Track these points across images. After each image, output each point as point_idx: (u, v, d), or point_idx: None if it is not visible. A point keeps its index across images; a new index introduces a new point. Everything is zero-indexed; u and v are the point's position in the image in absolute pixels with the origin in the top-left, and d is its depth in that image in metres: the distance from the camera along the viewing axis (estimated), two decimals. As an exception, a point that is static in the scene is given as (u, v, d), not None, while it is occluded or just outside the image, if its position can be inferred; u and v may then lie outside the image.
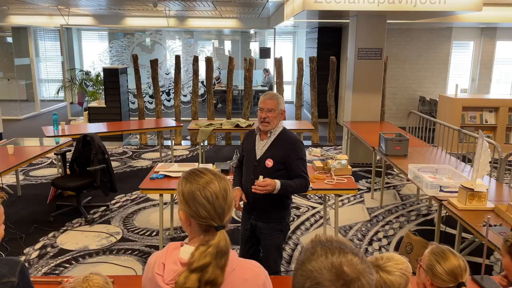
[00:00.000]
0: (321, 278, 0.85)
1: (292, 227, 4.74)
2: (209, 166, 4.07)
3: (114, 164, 6.96)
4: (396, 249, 4.25)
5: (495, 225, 2.89)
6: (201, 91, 10.78)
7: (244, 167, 2.88)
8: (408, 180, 6.12)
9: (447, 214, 4.78)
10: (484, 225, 2.88)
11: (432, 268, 1.70)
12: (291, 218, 4.99)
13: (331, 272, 0.85)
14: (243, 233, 2.96)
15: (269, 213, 2.80)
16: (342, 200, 5.57)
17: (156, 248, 4.24)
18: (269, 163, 2.72)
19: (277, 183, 2.64)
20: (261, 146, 2.78)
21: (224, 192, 1.33)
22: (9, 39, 12.92)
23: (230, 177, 3.63)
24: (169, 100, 11.39)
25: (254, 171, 2.76)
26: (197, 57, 8.67)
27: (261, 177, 2.66)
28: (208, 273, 1.23)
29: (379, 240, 4.47)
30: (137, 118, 8.82)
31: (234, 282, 1.31)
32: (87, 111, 8.46)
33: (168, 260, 1.32)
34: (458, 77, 10.60)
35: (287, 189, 2.70)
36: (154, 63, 8.55)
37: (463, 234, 4.21)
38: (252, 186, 2.65)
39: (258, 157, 2.76)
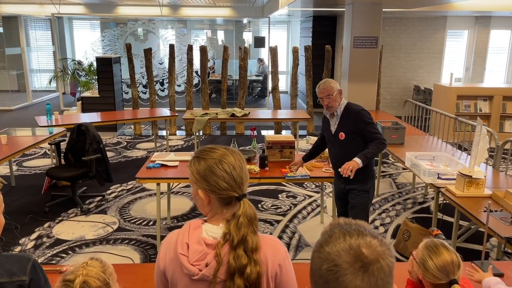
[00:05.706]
0: (339, 260, 0.83)
1: (289, 216, 4.74)
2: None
3: (108, 154, 6.90)
4: (394, 236, 4.26)
5: (495, 211, 2.89)
6: (195, 80, 10.70)
7: (327, 143, 3.47)
8: (404, 168, 6.14)
9: (444, 201, 4.81)
10: (485, 211, 2.89)
11: (424, 263, 1.69)
12: (288, 207, 4.99)
13: (349, 254, 0.83)
14: (337, 194, 3.50)
15: (354, 177, 3.17)
16: (338, 188, 5.57)
17: (153, 237, 4.22)
18: (342, 135, 3.22)
19: (357, 160, 3.08)
20: (333, 124, 3.31)
21: (239, 163, 1.38)
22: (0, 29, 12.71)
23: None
24: (162, 90, 11.30)
25: (333, 144, 3.36)
26: (192, 46, 8.58)
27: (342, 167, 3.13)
28: (249, 242, 1.28)
29: (376, 228, 4.48)
30: (131, 108, 8.75)
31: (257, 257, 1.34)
32: (80, 101, 8.37)
33: (191, 240, 1.32)
34: (453, 66, 10.61)
35: (367, 157, 3.11)
36: (147, 53, 8.46)
37: (460, 222, 4.23)
38: (342, 172, 3.08)
39: (333, 132, 3.31)
